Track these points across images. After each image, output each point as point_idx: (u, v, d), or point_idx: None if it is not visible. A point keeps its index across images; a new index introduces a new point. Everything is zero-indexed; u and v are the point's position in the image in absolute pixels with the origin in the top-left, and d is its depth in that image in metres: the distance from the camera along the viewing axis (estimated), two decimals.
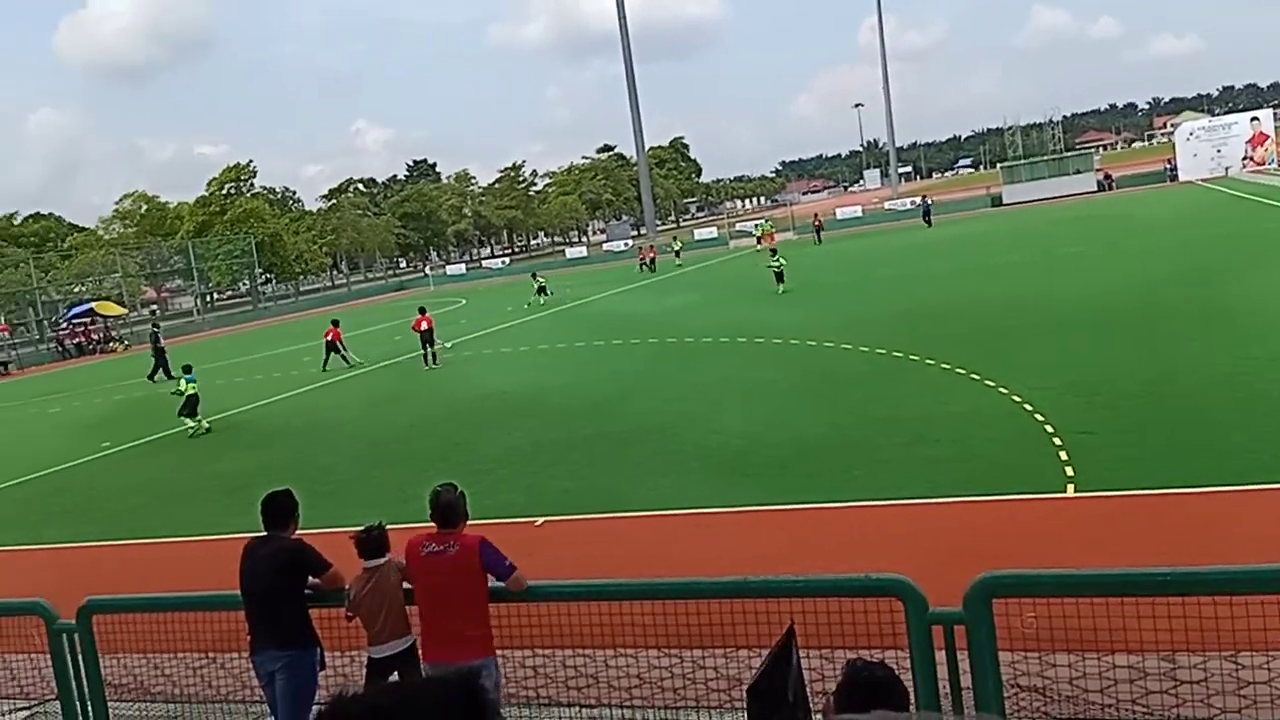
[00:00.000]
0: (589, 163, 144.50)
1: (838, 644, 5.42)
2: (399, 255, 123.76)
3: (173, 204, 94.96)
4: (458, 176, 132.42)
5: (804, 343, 22.66)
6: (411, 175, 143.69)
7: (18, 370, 57.51)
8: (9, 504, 18.06)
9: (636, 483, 13.12)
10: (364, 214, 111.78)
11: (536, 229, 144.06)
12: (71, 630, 6.93)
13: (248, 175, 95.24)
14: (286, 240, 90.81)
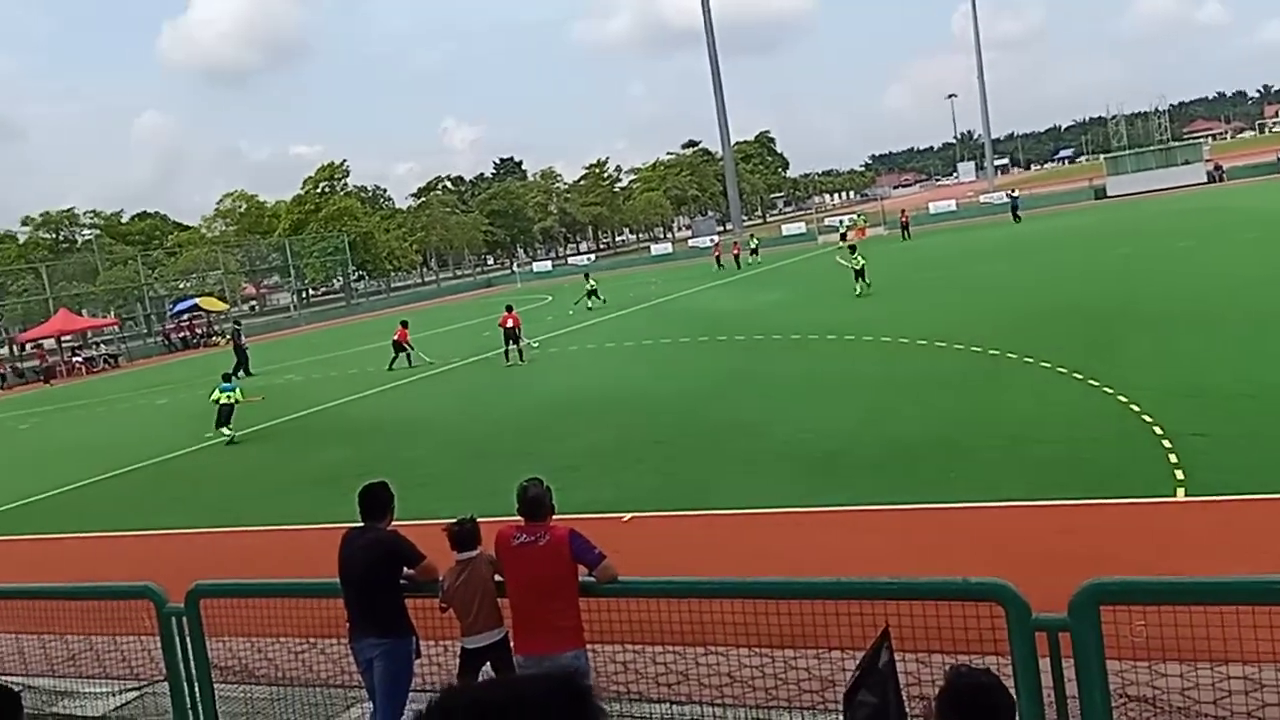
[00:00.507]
0: (674, 158, 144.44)
1: (934, 648, 5.32)
2: (486, 252, 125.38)
3: (270, 202, 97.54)
4: (543, 174, 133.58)
5: (896, 340, 22.31)
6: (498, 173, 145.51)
7: (127, 363, 59.70)
8: (122, 490, 18.76)
9: (724, 480, 13.05)
10: (452, 212, 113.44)
11: (622, 225, 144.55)
12: (180, 614, 7.14)
13: (341, 174, 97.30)
14: (378, 238, 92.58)
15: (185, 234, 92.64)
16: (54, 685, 8.18)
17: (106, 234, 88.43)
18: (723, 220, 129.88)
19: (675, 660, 6.80)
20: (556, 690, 1.44)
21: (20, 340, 65.77)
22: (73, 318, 62.77)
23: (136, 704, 7.96)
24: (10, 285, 72.40)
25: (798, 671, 6.36)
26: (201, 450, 21.32)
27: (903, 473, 12.19)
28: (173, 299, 74.68)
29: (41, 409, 38.57)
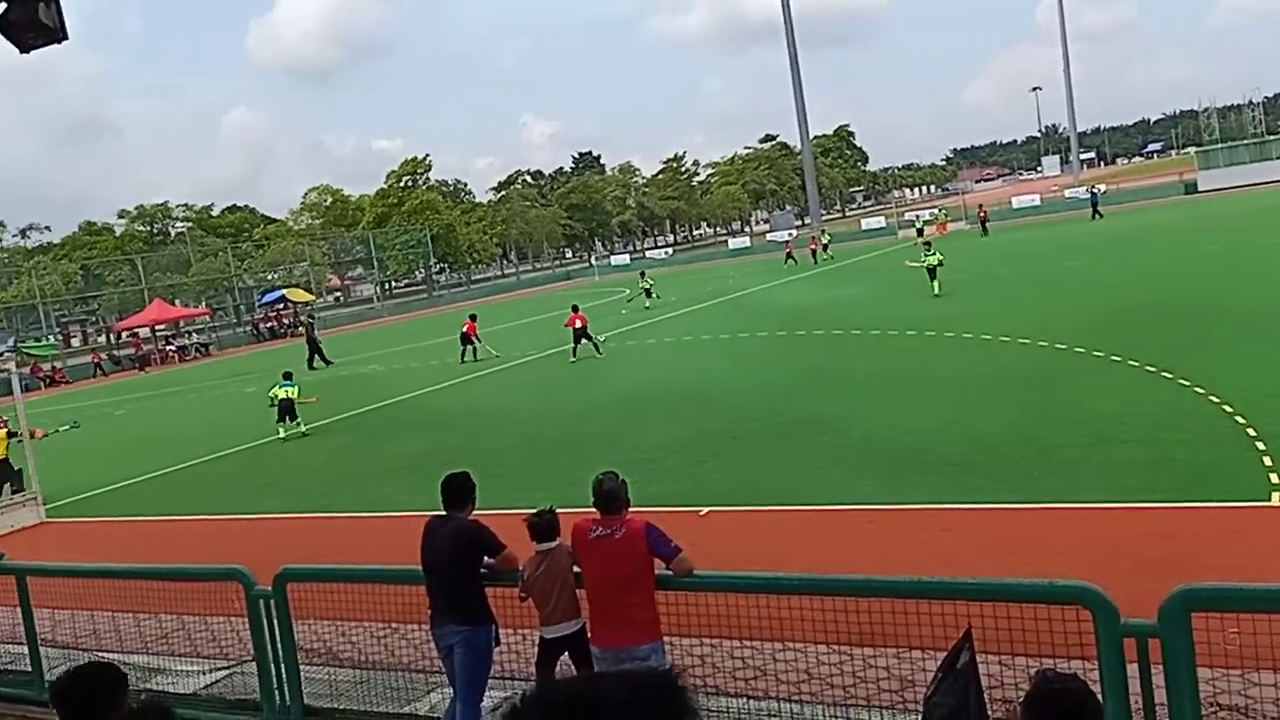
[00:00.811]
0: (752, 153, 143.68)
1: (1017, 651, 5.25)
2: (565, 246, 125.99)
3: (354, 196, 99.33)
4: (621, 168, 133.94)
5: (977, 337, 21.93)
6: (577, 167, 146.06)
7: (218, 351, 61.43)
8: (212, 476, 19.32)
9: (802, 476, 12.98)
10: (532, 205, 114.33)
11: (699, 219, 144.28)
12: (268, 596, 7.34)
13: (424, 169, 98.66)
14: (459, 231, 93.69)
15: (273, 227, 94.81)
16: (148, 662, 8.43)
17: (198, 227, 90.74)
18: (801, 214, 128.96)
19: (752, 655, 6.79)
20: (652, 689, 1.44)
21: (117, 329, 68.18)
22: (166, 307, 64.75)
23: (226, 682, 8.19)
24: (108, 276, 74.83)
25: (876, 670, 6.32)
26: (289, 437, 21.83)
27: (985, 471, 11.99)
28: (261, 290, 76.52)
29: (136, 395, 39.87)
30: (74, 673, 3.89)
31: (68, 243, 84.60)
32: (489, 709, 6.71)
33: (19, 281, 68.14)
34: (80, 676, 3.82)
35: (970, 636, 4.78)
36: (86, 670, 3.93)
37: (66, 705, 3.69)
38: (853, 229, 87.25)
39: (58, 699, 3.75)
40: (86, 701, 3.64)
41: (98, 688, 3.69)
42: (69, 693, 3.72)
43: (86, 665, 4.06)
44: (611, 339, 33.14)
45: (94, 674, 3.83)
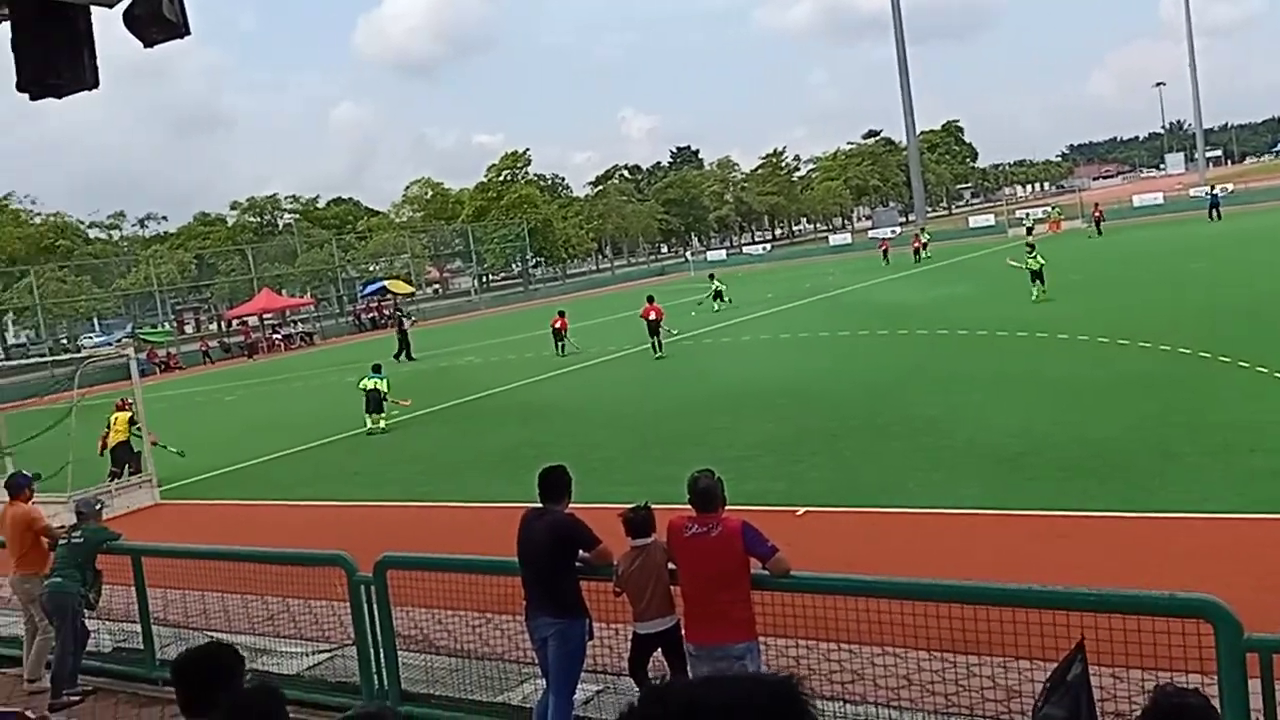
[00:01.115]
0: (855, 148, 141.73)
1: (1132, 664, 5.05)
2: (661, 241, 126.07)
3: (454, 190, 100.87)
4: (720, 163, 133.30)
5: (1092, 339, 21.21)
6: (675, 162, 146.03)
7: (321, 340, 63.05)
8: (315, 463, 19.83)
9: (903, 477, 12.72)
10: (628, 200, 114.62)
11: (799, 215, 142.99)
12: (368, 582, 7.49)
13: (523, 163, 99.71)
14: (556, 226, 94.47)
15: (375, 219, 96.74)
16: (253, 643, 8.61)
17: (305, 218, 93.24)
18: (905, 211, 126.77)
19: (849, 659, 6.67)
20: (774, 695, 1.39)
21: (227, 317, 70.48)
22: (274, 297, 66.72)
23: (327, 665, 8.36)
24: (220, 265, 77.30)
25: (980, 679, 6.13)
26: (389, 426, 22.26)
27: (1099, 478, 11.57)
28: (363, 281, 78.23)
29: (245, 382, 41.14)
30: (195, 652, 4.01)
31: (183, 233, 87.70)
32: (581, 702, 6.72)
33: (137, 270, 70.72)
34: (201, 656, 3.93)
35: (1083, 648, 4.61)
36: (207, 650, 4.05)
37: (186, 682, 3.79)
38: (960, 227, 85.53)
39: (178, 676, 3.85)
40: (206, 680, 3.73)
41: (217, 667, 3.79)
42: (189, 670, 3.82)
43: (207, 645, 4.18)
44: (706, 335, 33.10)
45: (214, 654, 3.95)
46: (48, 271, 64.96)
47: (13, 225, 72.94)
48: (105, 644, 9.66)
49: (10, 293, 64.52)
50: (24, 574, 9.46)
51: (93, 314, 74.85)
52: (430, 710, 7.42)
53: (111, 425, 19.13)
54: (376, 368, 22.96)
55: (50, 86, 5.50)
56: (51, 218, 76.17)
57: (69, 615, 8.94)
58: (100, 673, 9.38)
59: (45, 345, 65.68)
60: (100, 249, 78.17)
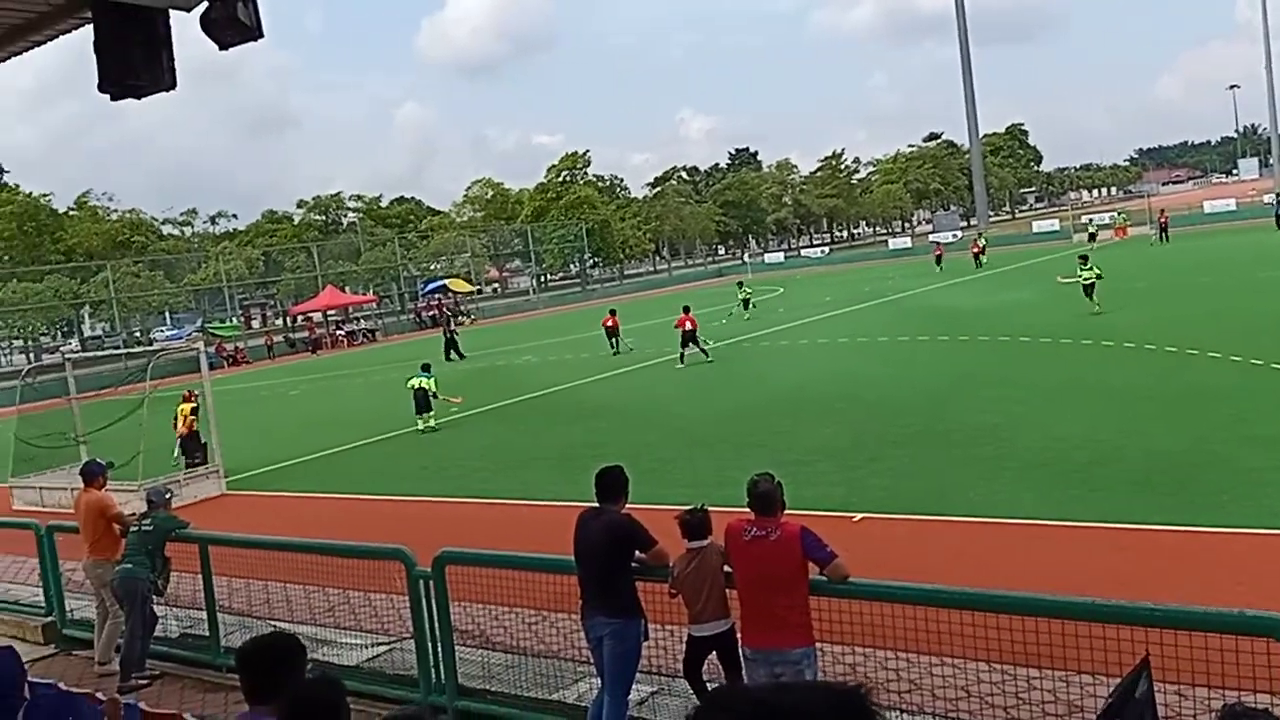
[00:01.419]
0: (915, 151, 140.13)
1: (1198, 682, 4.96)
2: (718, 242, 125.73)
3: (514, 190, 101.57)
4: (779, 165, 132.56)
5: (1160, 348, 20.76)
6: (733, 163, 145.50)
7: (383, 337, 63.84)
8: (377, 458, 20.10)
9: (963, 486, 12.57)
10: (686, 202, 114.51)
11: (858, 218, 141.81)
12: (427, 577, 7.59)
13: (583, 164, 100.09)
14: (614, 226, 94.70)
15: (436, 218, 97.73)
16: (314, 633, 8.73)
17: (368, 217, 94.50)
18: (966, 215, 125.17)
19: (906, 668, 6.62)
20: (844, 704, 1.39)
21: (292, 313, 71.69)
22: (338, 294, 67.77)
23: (386, 658, 8.46)
24: (286, 262, 78.61)
25: (1041, 693, 6.05)
26: (447, 423, 22.50)
27: (1167, 490, 11.33)
28: (424, 279, 79.04)
29: (308, 377, 41.82)
30: (259, 640, 4.12)
31: (251, 230, 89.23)
32: (636, 702, 6.75)
33: (207, 266, 72.21)
34: (265, 645, 4.03)
35: (1148, 664, 4.54)
36: (271, 639, 4.16)
37: (250, 670, 3.87)
38: (1023, 231, 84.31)
39: (242, 664, 3.94)
40: (269, 668, 3.81)
41: (281, 656, 3.87)
42: (254, 659, 3.90)
43: (271, 634, 4.28)
44: (764, 338, 32.97)
45: (278, 643, 4.05)
46: (123, 266, 66.63)
47: (91, 221, 74.99)
48: (173, 630, 9.88)
49: (87, 286, 66.09)
50: (96, 559, 9.72)
51: (165, 308, 76.36)
52: (486, 706, 7.50)
53: (181, 416, 19.58)
54: (425, 367, 22.99)
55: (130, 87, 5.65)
56: (127, 214, 78.09)
57: (139, 600, 9.16)
58: (167, 658, 9.61)
59: (120, 337, 67.38)
60: (173, 245, 79.92)
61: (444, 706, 7.60)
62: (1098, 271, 28.35)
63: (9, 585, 12.26)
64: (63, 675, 8.78)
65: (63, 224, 74.23)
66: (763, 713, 1.38)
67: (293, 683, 3.81)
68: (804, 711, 1.38)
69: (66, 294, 64.88)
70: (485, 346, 41.72)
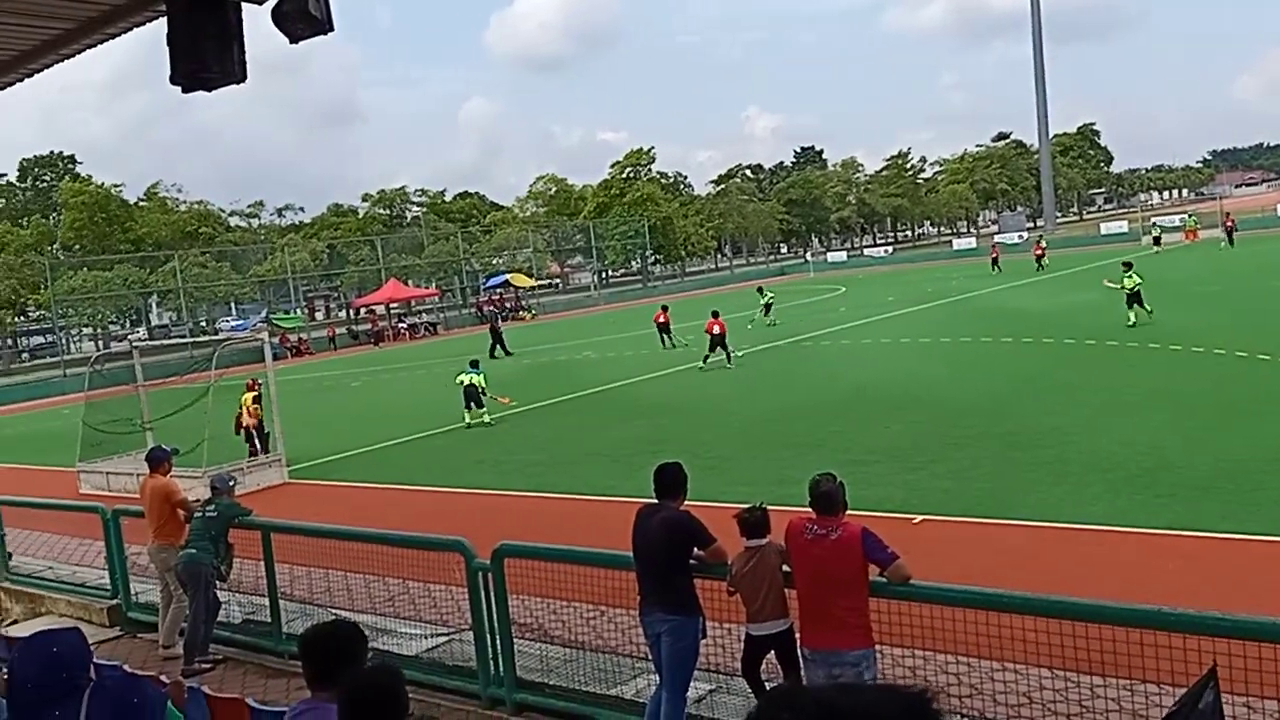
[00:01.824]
0: (983, 150, 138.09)
1: (1268, 694, 4.84)
2: (781, 241, 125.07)
3: (578, 186, 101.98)
4: (844, 163, 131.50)
5: (1231, 353, 20.25)
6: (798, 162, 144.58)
7: (444, 331, 64.54)
8: (436, 450, 20.34)
9: (1026, 489, 12.39)
10: (749, 200, 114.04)
11: (923, 218, 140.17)
12: (486, 569, 7.63)
13: (647, 161, 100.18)
14: (676, 223, 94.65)
15: (500, 213, 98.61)
16: (374, 622, 8.82)
17: (432, 211, 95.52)
18: (1033, 216, 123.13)
19: (967, 672, 6.53)
20: (909, 708, 1.37)
21: (355, 305, 72.68)
22: (401, 287, 68.47)
23: (445, 649, 8.52)
24: (350, 255, 79.74)
25: (1105, 701, 5.94)
26: (506, 418, 22.67)
27: (1235, 499, 11.05)
28: (486, 274, 79.64)
29: (370, 369, 42.39)
30: (322, 629, 4.16)
31: (317, 222, 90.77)
32: (694, 700, 6.74)
33: (273, 257, 73.49)
34: (328, 633, 4.07)
35: (1215, 675, 4.44)
36: (333, 627, 4.20)
37: (312, 658, 3.92)
38: (1091, 233, 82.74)
39: (305, 651, 3.99)
40: (331, 656, 3.85)
41: (343, 645, 3.91)
42: (316, 646, 3.95)
43: (334, 623, 4.33)
44: (824, 338, 32.73)
45: (340, 631, 4.08)
46: (190, 257, 68.32)
47: (160, 212, 76.89)
48: (235, 615, 10.03)
49: (156, 276, 67.66)
50: (161, 544, 9.89)
51: (230, 298, 78.00)
52: (545, 699, 7.53)
53: (245, 406, 19.96)
54: (474, 363, 23.14)
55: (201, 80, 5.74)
56: (195, 206, 79.94)
57: (202, 585, 9.31)
58: (230, 643, 9.76)
59: (186, 327, 68.96)
60: (239, 236, 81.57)
61: (503, 698, 7.66)
62: (1139, 279, 26.73)
63: (75, 567, 12.53)
64: (127, 657, 9.01)
65: (132, 214, 76.12)
66: (827, 713, 1.37)
67: (353, 671, 3.85)
68: (869, 714, 1.36)
69: (135, 283, 66.39)
70: (545, 341, 41.99)
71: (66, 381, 46.22)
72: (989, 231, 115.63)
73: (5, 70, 7.44)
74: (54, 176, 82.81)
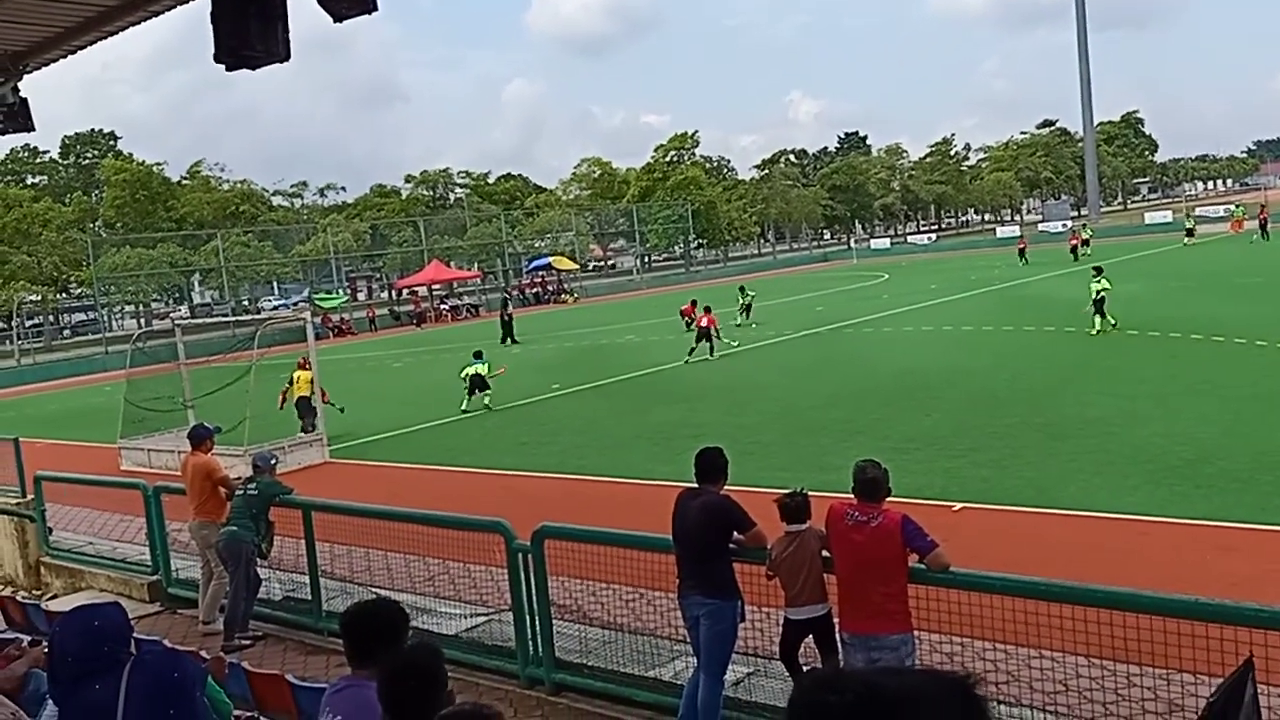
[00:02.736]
0: (1028, 138, 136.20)
1: None
2: (824, 227, 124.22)
3: (621, 169, 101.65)
4: (888, 150, 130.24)
5: (1273, 345, 20.02)
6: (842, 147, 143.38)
7: (486, 313, 64.52)
8: (477, 431, 20.49)
9: (1065, 479, 12.33)
10: (793, 185, 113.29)
11: (966, 206, 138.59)
12: (526, 550, 7.70)
13: (691, 145, 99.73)
14: (719, 208, 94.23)
15: (542, 196, 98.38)
16: (414, 601, 8.82)
17: (475, 193, 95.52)
18: (1077, 205, 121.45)
19: (1004, 659, 6.55)
20: (953, 692, 1.40)
21: (398, 286, 72.90)
22: (443, 269, 68.40)
23: (484, 629, 8.58)
24: (393, 236, 79.89)
25: (1140, 690, 5.94)
26: (548, 399, 22.84)
27: (1275, 491, 10.98)
28: (528, 256, 79.66)
29: (412, 350, 42.73)
30: (363, 606, 4.20)
31: (360, 203, 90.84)
32: (731, 683, 6.79)
33: (315, 237, 73.54)
34: (369, 611, 4.12)
35: (1252, 665, 4.45)
36: (375, 605, 4.22)
37: (353, 635, 3.98)
38: (1135, 223, 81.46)
39: (346, 629, 4.04)
40: (372, 634, 3.90)
41: (385, 624, 3.95)
42: (357, 624, 4.00)
43: (375, 601, 4.37)
44: (866, 324, 32.56)
45: (381, 610, 4.11)
46: (233, 236, 68.39)
47: (203, 191, 77.16)
48: (275, 593, 10.09)
49: (198, 255, 67.88)
50: (202, 520, 9.93)
51: (273, 278, 78.39)
52: (583, 680, 7.60)
53: (294, 382, 20.13)
54: (478, 354, 23.37)
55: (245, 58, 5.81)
56: (238, 185, 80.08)
57: (242, 562, 9.37)
58: (270, 619, 9.84)
59: (229, 305, 69.51)
60: (282, 216, 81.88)
61: (541, 678, 7.75)
62: (1107, 285, 25.15)
63: (116, 543, 12.61)
64: (167, 633, 9.17)
65: (175, 193, 76.25)
66: (871, 695, 1.38)
67: (394, 650, 3.86)
68: (913, 697, 1.38)
69: (178, 261, 66.62)
70: (588, 325, 42.03)
71: (109, 359, 46.71)
72: (1033, 220, 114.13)
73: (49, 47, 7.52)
74: (96, 154, 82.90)
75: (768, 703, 6.75)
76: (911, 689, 1.41)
